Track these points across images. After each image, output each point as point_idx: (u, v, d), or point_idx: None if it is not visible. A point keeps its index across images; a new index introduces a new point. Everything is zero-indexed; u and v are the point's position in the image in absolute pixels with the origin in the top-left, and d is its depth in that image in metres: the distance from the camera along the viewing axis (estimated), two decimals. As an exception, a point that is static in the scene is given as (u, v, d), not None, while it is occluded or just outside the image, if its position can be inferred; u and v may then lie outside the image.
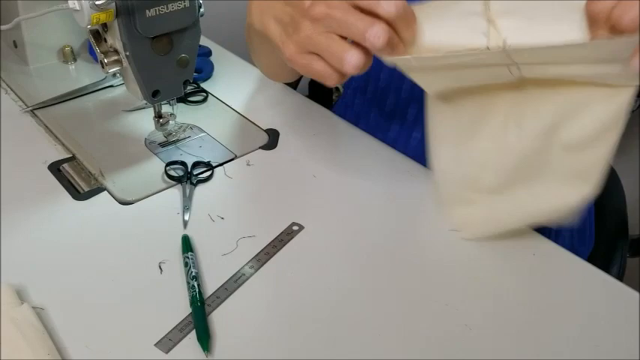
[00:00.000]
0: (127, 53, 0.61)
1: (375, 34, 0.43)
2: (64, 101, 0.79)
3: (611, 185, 1.05)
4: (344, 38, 0.46)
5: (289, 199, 0.65)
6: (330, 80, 0.48)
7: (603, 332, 0.51)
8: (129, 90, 0.67)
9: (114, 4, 0.57)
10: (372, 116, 0.78)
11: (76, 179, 0.66)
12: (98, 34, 0.63)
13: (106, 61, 0.62)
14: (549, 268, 0.57)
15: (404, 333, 0.51)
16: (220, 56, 0.91)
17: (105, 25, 0.62)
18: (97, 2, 0.55)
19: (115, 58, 0.63)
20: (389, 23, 0.44)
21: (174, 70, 0.65)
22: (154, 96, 0.65)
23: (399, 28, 0.45)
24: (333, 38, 0.46)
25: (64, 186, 0.65)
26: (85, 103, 0.80)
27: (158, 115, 0.69)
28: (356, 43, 0.45)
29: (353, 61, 0.45)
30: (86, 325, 0.50)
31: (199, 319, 0.50)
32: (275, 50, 0.52)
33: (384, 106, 0.76)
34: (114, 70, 0.63)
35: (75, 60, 0.88)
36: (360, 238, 0.60)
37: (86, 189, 0.65)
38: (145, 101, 0.66)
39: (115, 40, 0.62)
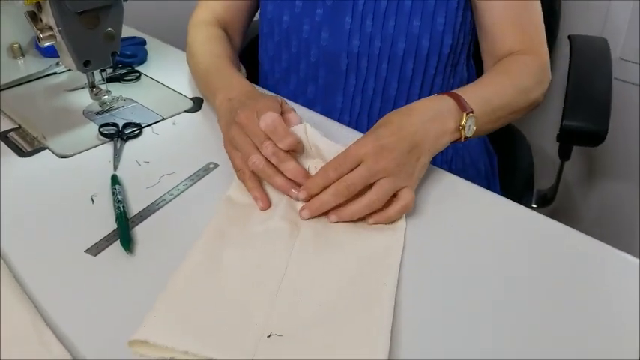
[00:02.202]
0: (60, 29, 0.72)
1: (266, 146, 0.64)
2: (12, 87, 0.89)
3: (517, 144, 1.18)
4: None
5: (207, 146, 0.76)
6: (242, 174, 0.66)
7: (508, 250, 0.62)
8: (64, 63, 0.78)
9: (44, -17, 0.68)
10: (283, 58, 0.91)
11: (21, 143, 0.76)
12: (34, 15, 0.74)
13: (41, 36, 0.73)
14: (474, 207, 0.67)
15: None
16: (154, 46, 1.03)
17: (39, 6, 0.73)
18: (27, -19, 0.66)
19: (50, 33, 0.73)
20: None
21: (102, 42, 0.76)
22: (85, 65, 0.76)
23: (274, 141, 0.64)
24: (247, 142, 0.65)
25: (10, 148, 0.75)
26: (31, 88, 0.90)
27: (92, 85, 0.80)
28: None
29: (254, 160, 0.64)
30: (28, 241, 0.60)
31: (122, 228, 0.60)
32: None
33: (291, 48, 0.89)
34: (49, 43, 0.74)
35: (23, 55, 0.99)
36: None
37: (30, 149, 0.75)
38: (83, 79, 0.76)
39: (48, 18, 0.73)
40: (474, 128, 0.69)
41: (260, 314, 0.51)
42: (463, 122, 0.68)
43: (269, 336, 0.48)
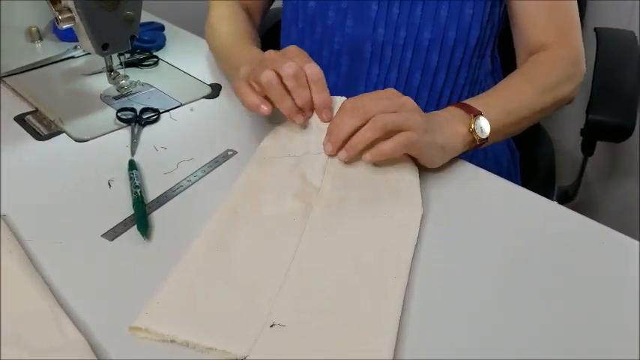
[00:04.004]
0: (78, 10, 0.71)
1: (289, 65, 0.63)
2: (30, 70, 0.89)
3: (538, 138, 1.15)
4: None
5: (226, 133, 0.75)
6: (240, 86, 0.66)
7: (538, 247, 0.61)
8: (83, 46, 0.77)
9: (63, -36, 0.67)
10: (306, 44, 0.89)
11: (38, 126, 0.75)
12: (53, -4, 0.73)
13: (60, 17, 0.72)
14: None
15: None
16: (173, 32, 1.02)
17: (58, -13, 0.71)
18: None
19: (68, 15, 0.72)
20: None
21: (120, 25, 0.75)
22: (103, 49, 0.75)
23: (312, 90, 0.65)
24: (265, 66, 0.64)
25: (27, 131, 0.74)
26: (49, 71, 0.89)
27: (110, 70, 0.79)
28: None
29: (269, 76, 0.63)
30: (45, 225, 0.59)
31: (140, 213, 0.59)
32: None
33: (315, 34, 0.87)
34: (68, 25, 0.73)
35: (41, 39, 0.98)
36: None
37: (46, 133, 0.74)
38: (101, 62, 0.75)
39: (67, -1, 0.72)
40: (488, 130, 0.68)
41: (265, 303, 0.49)
42: (472, 125, 0.67)
43: (272, 326, 0.47)
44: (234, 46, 0.83)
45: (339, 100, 0.68)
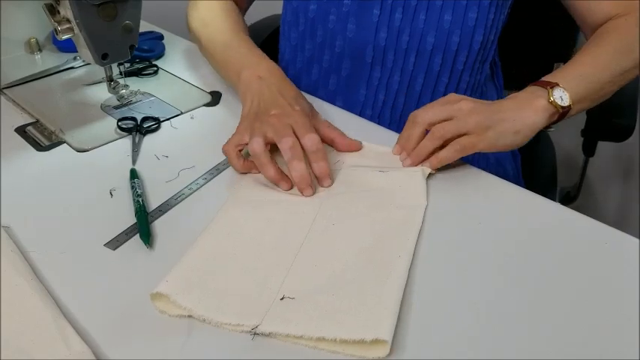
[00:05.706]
0: (77, 21, 0.71)
1: (286, 140, 0.64)
2: (30, 81, 0.89)
3: (540, 141, 1.15)
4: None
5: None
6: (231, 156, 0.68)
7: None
8: (82, 56, 0.77)
9: (61, -25, 0.67)
10: (306, 47, 0.89)
11: (39, 137, 0.76)
12: (52, 7, 0.73)
13: (59, 28, 0.72)
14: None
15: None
16: (172, 40, 1.02)
17: (57, -2, 0.72)
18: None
19: (68, 26, 0.72)
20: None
21: (120, 35, 0.75)
22: (103, 58, 0.75)
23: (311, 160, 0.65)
24: (262, 131, 0.66)
25: (28, 142, 0.74)
26: (49, 82, 0.89)
27: (110, 79, 0.79)
28: None
29: (254, 145, 0.65)
30: (47, 235, 0.59)
31: (142, 221, 0.59)
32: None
33: (316, 37, 0.87)
34: (67, 36, 0.73)
35: (40, 50, 0.98)
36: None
37: (47, 143, 0.74)
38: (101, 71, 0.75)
39: (66, 10, 0.72)
40: (567, 98, 0.67)
41: (276, 281, 0.52)
42: (551, 97, 0.67)
43: (282, 299, 0.50)
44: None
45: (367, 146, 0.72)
